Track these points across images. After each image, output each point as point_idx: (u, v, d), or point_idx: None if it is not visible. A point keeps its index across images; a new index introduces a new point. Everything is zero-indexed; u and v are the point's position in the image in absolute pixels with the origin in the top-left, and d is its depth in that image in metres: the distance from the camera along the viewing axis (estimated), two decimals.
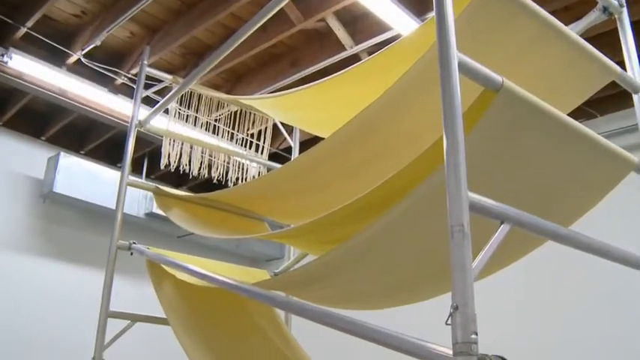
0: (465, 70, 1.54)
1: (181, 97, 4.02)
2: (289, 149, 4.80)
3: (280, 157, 6.04)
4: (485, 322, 1.51)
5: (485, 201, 1.46)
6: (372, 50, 4.41)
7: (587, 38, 2.20)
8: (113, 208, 3.61)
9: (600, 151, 1.96)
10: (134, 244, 3.45)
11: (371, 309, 2.57)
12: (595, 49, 2.20)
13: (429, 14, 4.21)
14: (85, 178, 6.22)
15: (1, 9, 4.85)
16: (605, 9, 2.48)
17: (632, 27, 2.53)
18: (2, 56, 5.03)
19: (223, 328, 3.36)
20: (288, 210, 3.35)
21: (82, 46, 5.12)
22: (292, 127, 4.62)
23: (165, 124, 3.99)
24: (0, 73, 5.22)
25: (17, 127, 6.43)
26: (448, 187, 1.38)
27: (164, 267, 3.28)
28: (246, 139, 4.35)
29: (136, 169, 7.03)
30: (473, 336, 1.25)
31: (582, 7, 3.47)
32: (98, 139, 6.74)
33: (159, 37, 5.16)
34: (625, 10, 2.52)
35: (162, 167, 3.91)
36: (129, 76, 5.51)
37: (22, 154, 6.46)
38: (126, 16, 4.61)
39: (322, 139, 2.55)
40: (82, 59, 5.22)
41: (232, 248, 7.40)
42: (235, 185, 4.13)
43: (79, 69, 5.44)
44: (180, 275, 3.19)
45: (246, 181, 4.19)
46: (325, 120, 3.37)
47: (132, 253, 3.47)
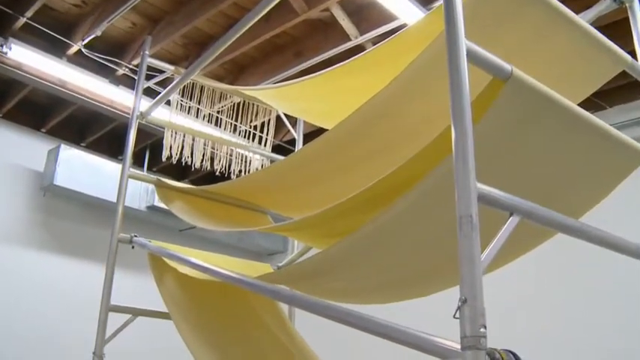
0: (474, 58, 1.52)
1: (183, 88, 4.01)
2: (293, 141, 4.79)
3: (284, 149, 6.03)
4: (493, 316, 1.50)
5: (495, 192, 1.44)
6: (378, 40, 4.38)
7: (597, 27, 2.19)
8: (114, 201, 3.61)
9: (611, 142, 1.94)
10: (135, 237, 3.45)
11: (377, 303, 2.56)
12: (605, 38, 2.18)
13: (435, 3, 4.18)
14: (85, 170, 6.22)
15: None
16: None
17: None
18: (1, 47, 5.02)
19: (226, 323, 3.35)
20: (291, 202, 3.34)
21: (82, 36, 5.11)
22: (296, 119, 4.61)
23: (167, 115, 3.98)
24: None
25: (17, 119, 6.43)
26: (456, 177, 1.37)
27: (166, 260, 3.27)
28: (249, 131, 4.34)
29: (138, 162, 7.02)
30: (482, 330, 1.24)
31: None
32: (99, 131, 6.74)
33: (160, 28, 5.14)
34: None
35: (164, 159, 3.90)
36: (130, 66, 5.50)
37: (22, 146, 6.46)
38: (127, 6, 4.60)
39: (326, 131, 2.54)
40: (83, 50, 5.20)
41: (235, 242, 7.40)
42: (238, 178, 4.12)
43: (79, 60, 5.43)
44: (183, 269, 3.19)
45: (249, 174, 4.18)
46: (330, 111, 3.35)
47: (133, 247, 3.47)
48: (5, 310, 5.76)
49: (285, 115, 4.41)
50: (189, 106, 4.10)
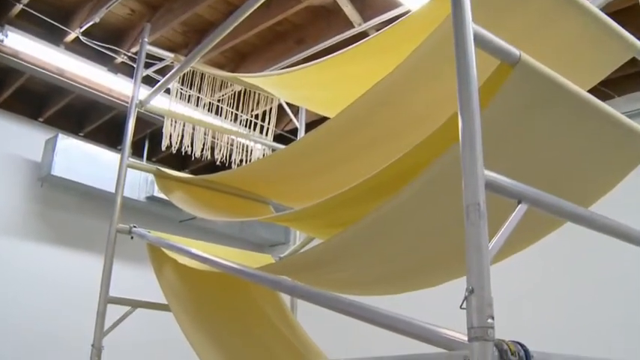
0: (481, 42, 1.50)
1: (183, 76, 3.99)
2: (295, 131, 4.77)
3: (286, 138, 6.01)
4: (499, 308, 1.48)
5: (502, 179, 1.43)
6: (381, 27, 4.34)
7: (607, 13, 2.17)
8: (113, 191, 3.60)
9: (621, 130, 1.93)
10: (134, 227, 3.44)
11: (382, 294, 2.55)
12: (615, 24, 2.16)
13: None
14: (84, 160, 6.20)
15: None
16: None
17: None
18: None
19: (226, 315, 3.35)
20: (293, 192, 3.33)
21: (80, 23, 5.09)
22: (298, 108, 4.59)
23: (166, 104, 3.97)
24: None
25: (13, 108, 6.41)
26: (463, 164, 1.35)
27: (165, 251, 3.26)
28: (251, 120, 4.32)
29: (137, 152, 7.01)
30: (489, 320, 1.23)
31: None
32: (97, 121, 6.72)
33: (159, 15, 5.12)
34: None
35: (164, 148, 3.88)
36: (129, 54, 5.47)
37: (18, 136, 6.44)
38: None
39: (329, 119, 2.53)
40: (81, 37, 5.18)
41: (236, 233, 7.39)
42: (239, 167, 4.10)
43: (77, 47, 5.40)
44: (182, 260, 3.18)
45: (249, 163, 4.17)
46: (332, 99, 3.34)
47: (132, 237, 3.46)
48: (2, 302, 5.76)
49: (287, 103, 4.40)
50: (189, 95, 4.09)
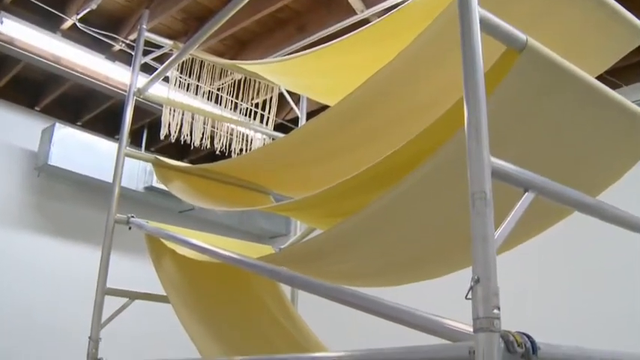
0: (487, 27, 1.50)
1: (182, 64, 3.98)
2: (296, 120, 4.76)
3: (286, 128, 5.99)
4: (503, 300, 1.47)
5: (509, 167, 1.42)
6: (384, 14, 4.33)
7: None
8: (111, 181, 3.58)
9: (629, 118, 1.91)
10: (133, 217, 3.43)
11: (385, 286, 2.54)
12: (623, 9, 2.15)
13: None
14: (81, 150, 6.18)
15: None
16: None
17: None
18: None
19: (226, 306, 3.34)
20: (294, 181, 3.32)
21: (77, 10, 5.06)
22: (299, 97, 4.57)
23: (165, 92, 3.96)
24: None
25: (9, 96, 6.39)
26: (469, 151, 1.34)
27: (164, 242, 3.26)
28: (251, 109, 4.31)
29: (135, 142, 6.99)
30: (495, 311, 1.22)
31: None
32: (95, 110, 6.69)
33: (158, 1, 5.09)
34: None
35: (162, 137, 3.87)
36: (127, 42, 5.45)
37: (15, 125, 6.42)
38: None
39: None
40: (78, 24, 5.15)
41: (236, 224, 7.38)
42: (238, 156, 4.09)
43: (74, 34, 5.38)
44: (181, 250, 3.17)
45: (249, 151, 4.16)
46: (334, 87, 3.32)
47: (130, 228, 3.45)
48: None
49: (288, 92, 4.38)
50: (188, 83, 4.07)
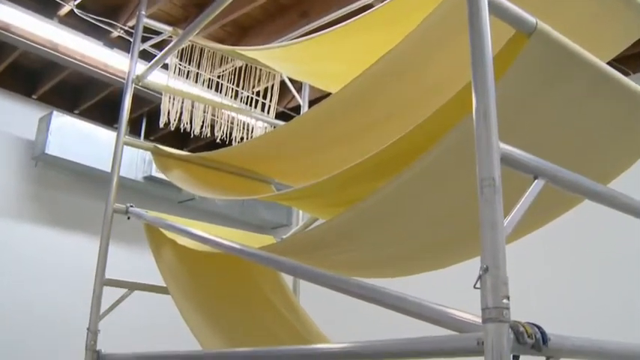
0: (496, 9, 1.48)
1: (182, 51, 3.97)
2: (298, 108, 4.74)
3: (288, 116, 5.97)
4: (511, 289, 1.46)
5: (518, 153, 1.41)
6: None
7: None
8: (109, 170, 3.56)
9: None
10: (132, 207, 3.42)
11: (390, 276, 2.52)
12: None
13: None
14: (79, 139, 6.16)
15: None
16: None
17: None
18: None
19: (227, 298, 3.34)
20: (296, 170, 3.30)
21: None
22: (301, 84, 4.55)
23: (164, 80, 3.94)
24: None
25: (6, 84, 6.36)
26: (477, 136, 1.33)
27: (164, 232, 3.25)
28: (252, 98, 4.29)
29: (134, 131, 6.98)
30: (505, 301, 1.21)
31: None
32: (93, 98, 6.66)
33: None
34: None
35: (162, 125, 3.86)
36: (125, 28, 5.42)
37: (11, 113, 6.40)
38: None
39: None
40: (75, 10, 5.13)
41: (236, 214, 7.37)
42: (239, 144, 4.08)
43: (71, 21, 5.36)
44: (181, 240, 3.16)
45: (250, 139, 4.14)
46: (337, 74, 3.31)
47: (129, 217, 3.44)
48: None
49: (290, 80, 4.36)
50: (188, 71, 4.06)
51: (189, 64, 4.04)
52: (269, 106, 4.30)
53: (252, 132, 4.28)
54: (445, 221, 2.09)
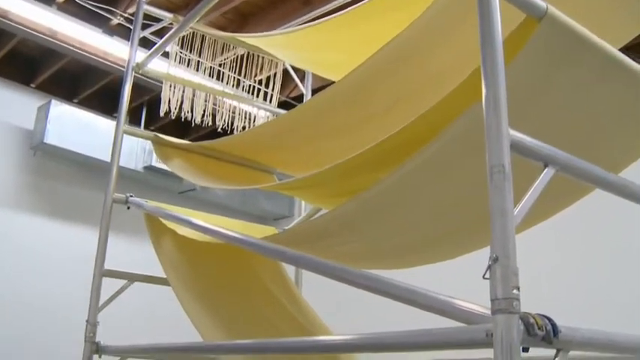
0: None
1: (182, 39, 3.95)
2: (301, 97, 4.72)
3: (291, 105, 5.94)
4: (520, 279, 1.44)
5: (529, 140, 1.39)
6: None
7: None
8: (109, 160, 3.55)
9: None
10: (131, 197, 3.40)
11: (394, 268, 2.51)
12: None
13: None
14: (78, 128, 6.14)
15: None
16: None
17: None
18: None
19: (228, 289, 3.32)
20: (298, 160, 3.29)
21: None
22: (304, 73, 4.53)
23: (165, 68, 3.92)
24: None
25: (4, 72, 6.34)
26: (487, 123, 1.31)
27: (164, 222, 3.23)
28: (254, 86, 4.27)
29: (134, 120, 6.96)
30: (514, 291, 1.19)
31: None
32: (92, 86, 6.64)
33: None
34: None
35: (162, 114, 3.84)
36: (125, 15, 5.40)
37: (9, 102, 6.38)
38: None
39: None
40: None
41: (238, 205, 7.36)
42: (240, 132, 4.06)
43: (70, 7, 5.33)
44: (182, 230, 3.15)
45: (251, 128, 4.12)
46: (341, 62, 3.28)
47: (129, 207, 3.43)
48: None
49: (293, 68, 4.34)
50: (188, 59, 4.04)
51: (190, 51, 4.02)
52: (271, 95, 4.28)
53: (255, 121, 4.26)
54: (450, 212, 2.07)
